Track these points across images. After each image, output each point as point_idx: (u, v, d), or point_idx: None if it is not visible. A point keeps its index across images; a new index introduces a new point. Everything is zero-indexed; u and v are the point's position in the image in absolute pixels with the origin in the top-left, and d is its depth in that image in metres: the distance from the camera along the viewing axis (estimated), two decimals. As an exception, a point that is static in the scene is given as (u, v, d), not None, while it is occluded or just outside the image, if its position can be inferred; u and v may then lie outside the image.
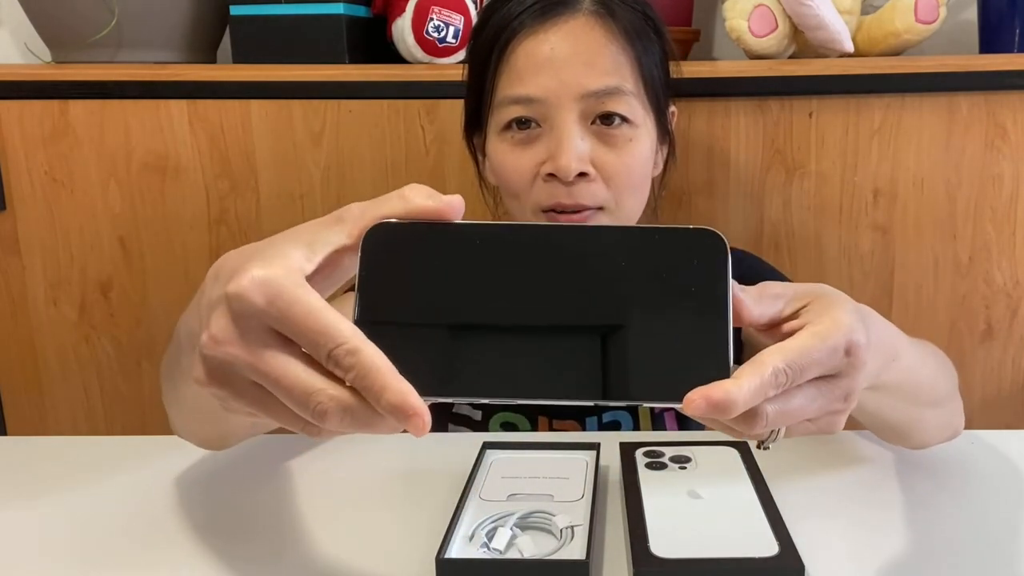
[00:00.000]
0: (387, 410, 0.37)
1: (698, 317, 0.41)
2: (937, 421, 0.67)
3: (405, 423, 0.37)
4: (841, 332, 0.42)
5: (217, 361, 0.39)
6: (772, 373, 0.39)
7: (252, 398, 0.40)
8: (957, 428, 0.70)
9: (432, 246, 0.41)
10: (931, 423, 0.66)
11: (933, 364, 0.64)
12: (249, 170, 1.13)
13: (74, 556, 0.59)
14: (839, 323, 0.42)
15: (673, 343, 0.41)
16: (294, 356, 0.39)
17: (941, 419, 0.67)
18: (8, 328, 1.18)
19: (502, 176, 0.81)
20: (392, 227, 0.41)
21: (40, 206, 1.15)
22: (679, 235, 0.42)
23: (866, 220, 1.10)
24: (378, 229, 0.41)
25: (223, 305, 0.39)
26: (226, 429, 0.62)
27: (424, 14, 1.10)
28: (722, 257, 0.41)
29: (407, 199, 0.41)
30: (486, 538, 0.55)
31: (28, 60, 1.34)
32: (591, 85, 0.76)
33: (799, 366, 0.40)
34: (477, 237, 0.42)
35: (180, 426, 0.63)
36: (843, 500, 0.64)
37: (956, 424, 0.69)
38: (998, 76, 1.05)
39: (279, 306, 0.38)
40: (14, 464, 0.74)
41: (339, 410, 0.38)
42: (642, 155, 0.80)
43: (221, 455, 0.71)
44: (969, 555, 0.57)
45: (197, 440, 0.65)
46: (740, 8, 1.07)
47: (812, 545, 0.56)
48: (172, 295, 1.16)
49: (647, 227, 0.42)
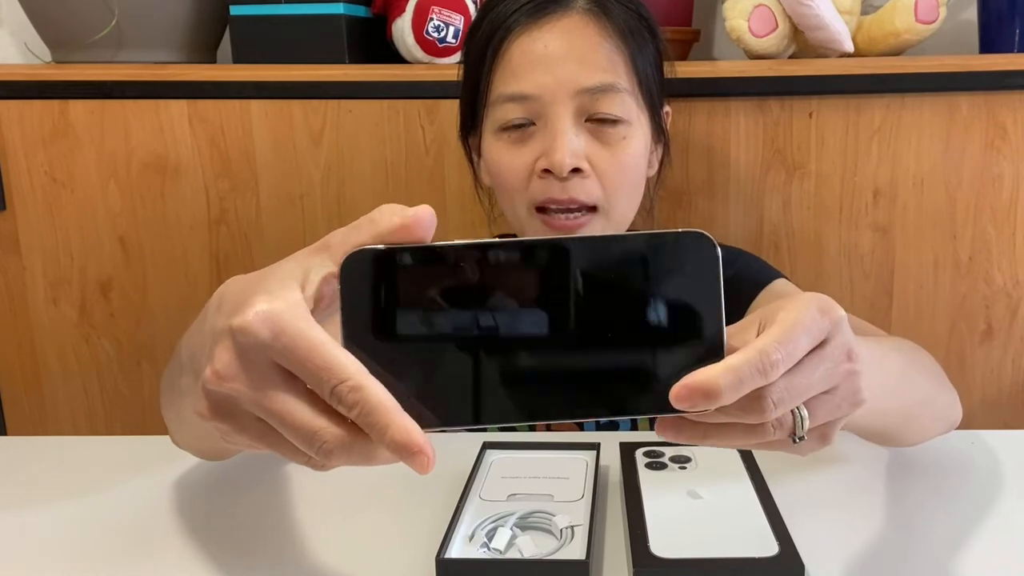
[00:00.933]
0: (391, 448, 0.37)
1: (694, 323, 0.40)
2: (927, 418, 0.66)
3: (410, 460, 0.37)
4: (809, 301, 0.42)
5: (221, 395, 0.39)
6: (757, 352, 0.39)
7: (255, 433, 0.40)
8: (953, 420, 0.69)
9: (411, 270, 0.40)
10: (920, 421, 0.65)
11: (900, 360, 0.62)
12: (249, 170, 1.13)
13: (74, 556, 0.59)
14: (803, 297, 0.42)
15: (672, 351, 0.40)
16: (298, 394, 0.39)
17: (930, 414, 0.66)
18: (8, 328, 1.18)
19: (497, 174, 0.81)
20: (367, 254, 0.40)
21: (40, 206, 1.15)
22: (667, 240, 0.40)
23: (866, 220, 1.10)
24: (353, 257, 0.40)
25: (227, 339, 0.39)
26: (224, 446, 0.62)
27: (424, 14, 1.10)
28: (713, 260, 0.40)
29: (376, 222, 0.40)
30: (486, 538, 0.55)
31: (28, 60, 1.34)
32: (585, 82, 0.76)
33: (785, 339, 0.39)
34: (455, 257, 0.40)
35: (178, 439, 0.64)
36: (843, 500, 0.64)
37: (950, 416, 0.68)
38: (998, 76, 1.05)
39: (284, 341, 0.38)
40: (14, 464, 0.74)
41: (343, 449, 0.38)
42: (636, 153, 0.80)
43: (221, 455, 0.71)
44: (969, 555, 0.57)
45: (195, 452, 0.66)
46: (740, 8, 1.07)
47: (812, 545, 0.57)
48: (172, 295, 1.16)
49: (633, 234, 0.41)
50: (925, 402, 0.64)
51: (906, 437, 0.67)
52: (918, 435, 0.67)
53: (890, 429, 0.64)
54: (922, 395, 0.64)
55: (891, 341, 0.67)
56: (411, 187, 1.11)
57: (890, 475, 0.67)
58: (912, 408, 0.63)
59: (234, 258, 1.15)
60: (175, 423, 0.61)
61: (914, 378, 0.62)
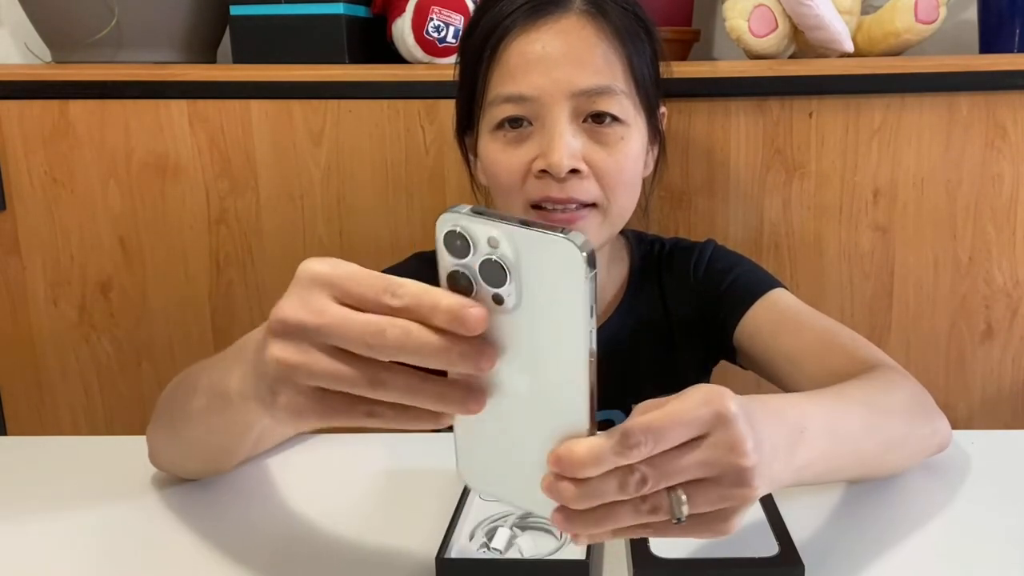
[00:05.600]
0: (446, 321, 0.39)
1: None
2: (899, 457, 0.65)
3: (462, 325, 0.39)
4: (696, 392, 0.44)
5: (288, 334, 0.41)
6: (619, 433, 0.41)
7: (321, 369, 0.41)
8: (937, 445, 0.68)
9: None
10: (890, 461, 0.65)
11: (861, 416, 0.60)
12: (249, 170, 1.13)
13: (74, 556, 0.59)
14: (696, 388, 0.44)
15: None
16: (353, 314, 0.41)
17: (904, 454, 0.66)
18: (8, 328, 1.18)
19: (493, 173, 0.81)
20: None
21: (40, 206, 1.15)
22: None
23: (866, 220, 1.10)
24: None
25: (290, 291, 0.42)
26: (222, 468, 0.68)
27: (424, 14, 1.10)
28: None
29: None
30: (486, 538, 0.55)
31: (28, 60, 1.34)
32: (582, 83, 0.76)
33: (653, 426, 0.41)
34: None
35: (163, 459, 0.68)
36: (843, 500, 0.64)
37: (931, 445, 0.68)
38: (998, 76, 1.05)
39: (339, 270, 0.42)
40: (14, 464, 0.74)
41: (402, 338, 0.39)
42: (633, 154, 0.80)
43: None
44: (969, 555, 0.57)
45: (182, 470, 0.69)
46: (740, 8, 1.07)
47: (812, 545, 0.57)
48: (172, 295, 1.16)
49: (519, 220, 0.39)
50: (893, 445, 0.63)
51: (879, 476, 0.66)
52: (892, 471, 0.67)
53: (856, 478, 0.65)
54: (888, 441, 0.63)
55: (859, 388, 0.65)
56: (411, 187, 1.11)
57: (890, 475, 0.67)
58: (876, 456, 0.62)
59: (234, 258, 1.15)
60: (168, 441, 0.66)
61: (879, 427, 0.61)
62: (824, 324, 0.80)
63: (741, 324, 0.84)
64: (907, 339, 1.13)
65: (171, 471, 0.69)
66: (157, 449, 0.67)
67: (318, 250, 1.14)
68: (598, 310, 0.49)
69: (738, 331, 0.84)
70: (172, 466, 0.68)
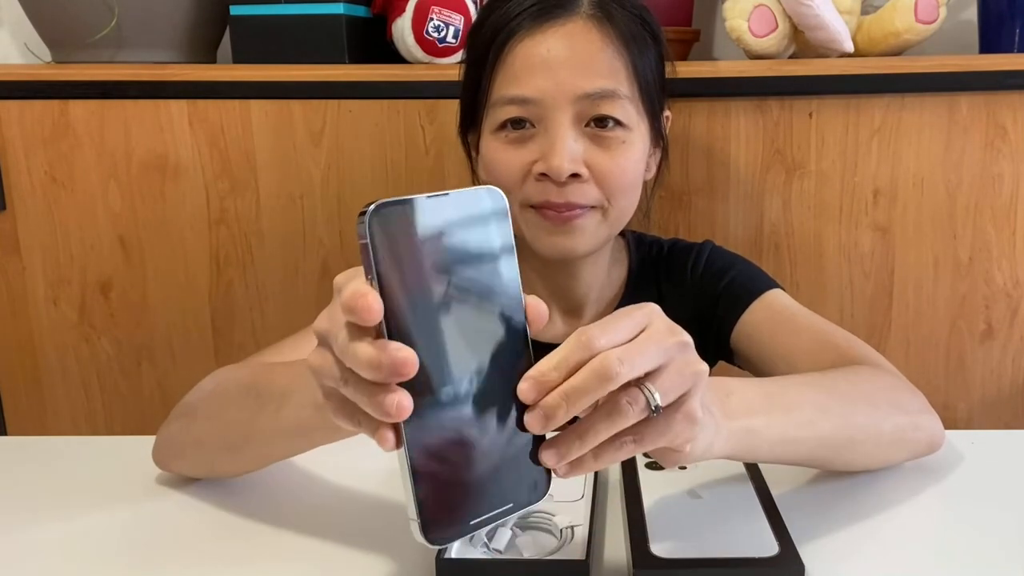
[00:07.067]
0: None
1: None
2: (869, 445, 0.65)
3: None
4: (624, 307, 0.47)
5: (320, 337, 0.44)
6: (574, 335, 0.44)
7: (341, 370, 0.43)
8: (926, 442, 0.68)
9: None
10: (859, 449, 0.64)
11: (817, 395, 0.61)
12: (249, 170, 1.13)
13: (74, 556, 0.59)
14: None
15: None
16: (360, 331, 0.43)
17: (877, 442, 0.65)
18: (8, 328, 1.18)
19: (492, 172, 0.81)
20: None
21: (40, 206, 1.15)
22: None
23: (866, 220, 1.10)
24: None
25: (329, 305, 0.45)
26: (237, 471, 0.68)
27: (424, 14, 1.10)
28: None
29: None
30: (486, 538, 0.55)
31: (28, 60, 1.34)
32: (586, 87, 0.76)
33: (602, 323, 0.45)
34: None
35: (171, 459, 0.69)
36: (843, 500, 0.64)
37: (915, 440, 0.67)
38: (998, 76, 1.05)
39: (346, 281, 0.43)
40: (14, 464, 0.74)
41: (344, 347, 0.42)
42: (635, 158, 0.80)
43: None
44: (969, 555, 0.57)
45: (192, 470, 0.69)
46: (740, 8, 1.07)
47: (812, 545, 0.57)
48: (172, 295, 1.16)
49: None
50: (862, 432, 0.63)
51: (855, 466, 0.66)
52: (870, 462, 0.66)
53: (825, 462, 0.65)
54: (854, 427, 0.62)
55: (823, 374, 0.66)
56: (411, 187, 1.11)
57: (890, 475, 0.67)
58: (842, 443, 0.62)
59: (234, 258, 1.15)
60: (205, 435, 0.66)
61: (839, 411, 0.61)
62: (820, 325, 0.80)
63: (738, 325, 0.84)
64: (907, 339, 1.13)
65: (184, 469, 0.68)
66: (179, 444, 0.67)
67: (318, 250, 1.14)
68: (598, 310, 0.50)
69: (735, 332, 0.84)
70: (194, 463, 0.68)
